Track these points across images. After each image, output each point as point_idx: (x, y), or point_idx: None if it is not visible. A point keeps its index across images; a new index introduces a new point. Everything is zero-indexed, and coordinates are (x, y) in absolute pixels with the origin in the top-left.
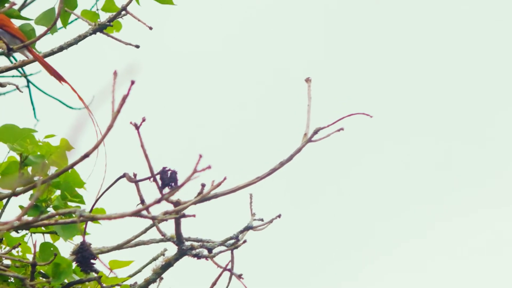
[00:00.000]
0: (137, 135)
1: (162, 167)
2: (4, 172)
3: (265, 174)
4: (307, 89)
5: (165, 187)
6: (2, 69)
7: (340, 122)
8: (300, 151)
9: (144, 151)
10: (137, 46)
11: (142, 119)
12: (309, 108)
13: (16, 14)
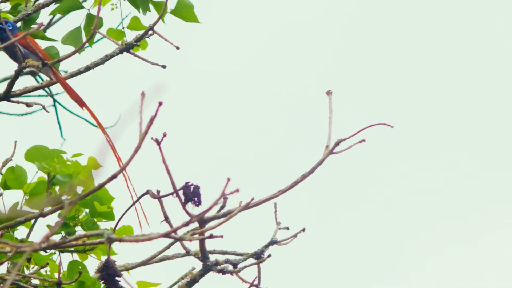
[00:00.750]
0: (159, 150)
1: (185, 182)
2: (32, 191)
3: (288, 187)
4: (328, 101)
5: (188, 202)
6: (29, 89)
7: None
8: (322, 163)
9: (166, 166)
10: (164, 66)
11: (163, 134)
12: (330, 120)
13: (41, 35)
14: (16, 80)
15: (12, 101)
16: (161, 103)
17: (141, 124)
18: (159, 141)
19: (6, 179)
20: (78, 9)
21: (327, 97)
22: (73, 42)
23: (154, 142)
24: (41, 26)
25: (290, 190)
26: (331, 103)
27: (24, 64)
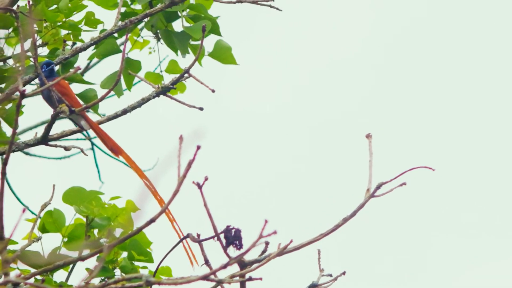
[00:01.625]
0: (200, 194)
1: (226, 226)
2: (71, 234)
3: (329, 230)
4: (368, 145)
5: (230, 246)
6: (66, 132)
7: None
8: (363, 206)
9: (208, 210)
10: (201, 109)
11: (205, 178)
12: (371, 164)
13: (79, 79)
14: (53, 124)
15: (50, 145)
16: (199, 147)
17: (180, 167)
18: (200, 185)
19: (44, 222)
20: (116, 53)
21: (367, 140)
22: (111, 86)
23: (196, 186)
24: (78, 70)
25: (331, 234)
26: (371, 146)
27: (58, 109)
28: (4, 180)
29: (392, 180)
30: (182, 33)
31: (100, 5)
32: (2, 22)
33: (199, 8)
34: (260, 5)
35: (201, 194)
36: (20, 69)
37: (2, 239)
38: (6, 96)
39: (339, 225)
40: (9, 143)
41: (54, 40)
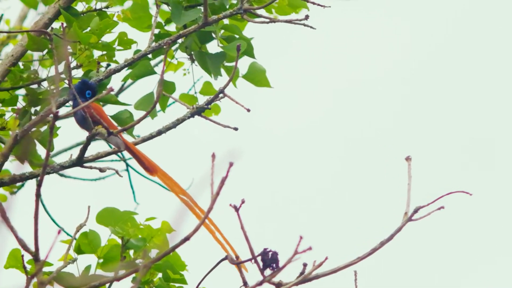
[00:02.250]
0: (237, 217)
1: (263, 248)
2: (106, 256)
3: (366, 254)
4: (407, 167)
5: (267, 268)
6: (101, 154)
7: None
8: (401, 230)
9: (245, 232)
10: (236, 129)
11: (242, 201)
12: (409, 187)
13: (114, 100)
14: (88, 146)
15: (85, 167)
16: (232, 164)
17: (213, 185)
18: (237, 208)
19: (80, 244)
20: (150, 74)
21: (406, 163)
22: (146, 108)
23: (233, 208)
24: (111, 90)
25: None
26: (410, 169)
27: (94, 131)
28: (39, 202)
29: (429, 204)
30: (216, 55)
31: (135, 27)
32: (36, 45)
33: (233, 29)
34: (294, 24)
35: (238, 217)
36: (54, 92)
37: (38, 261)
38: (40, 118)
39: (376, 249)
40: (43, 166)
41: (88, 62)
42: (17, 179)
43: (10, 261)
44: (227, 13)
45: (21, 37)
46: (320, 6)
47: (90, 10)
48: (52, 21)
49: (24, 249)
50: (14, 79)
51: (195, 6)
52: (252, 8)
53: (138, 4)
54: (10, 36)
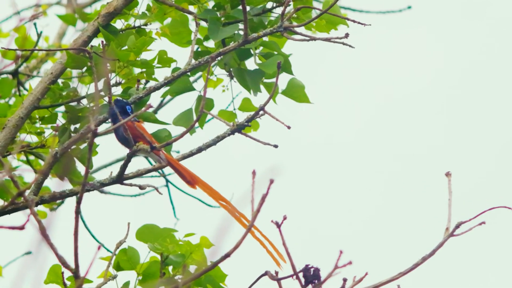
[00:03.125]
0: (279, 233)
1: (305, 265)
2: (146, 272)
3: (408, 269)
4: (448, 183)
5: (308, 285)
6: (142, 171)
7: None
8: (442, 245)
9: (286, 248)
10: (276, 146)
11: (284, 217)
12: (450, 202)
13: (153, 118)
14: (128, 163)
15: (125, 184)
16: (272, 181)
17: (253, 202)
18: (279, 224)
19: (119, 260)
20: (189, 91)
21: (446, 178)
22: (184, 124)
23: (275, 225)
24: (150, 107)
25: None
26: (451, 184)
27: (135, 148)
28: (79, 219)
29: (471, 219)
30: (255, 71)
31: (174, 42)
32: (75, 62)
33: (272, 45)
34: (333, 43)
35: (280, 233)
36: (94, 109)
37: (78, 278)
38: (80, 136)
39: (418, 264)
40: (82, 183)
41: (128, 79)
42: (57, 196)
43: (51, 277)
44: (267, 31)
45: (60, 55)
46: (360, 24)
47: (129, 28)
48: (91, 38)
49: (64, 266)
50: (54, 97)
51: (234, 22)
52: (292, 26)
53: (177, 20)
54: (49, 54)
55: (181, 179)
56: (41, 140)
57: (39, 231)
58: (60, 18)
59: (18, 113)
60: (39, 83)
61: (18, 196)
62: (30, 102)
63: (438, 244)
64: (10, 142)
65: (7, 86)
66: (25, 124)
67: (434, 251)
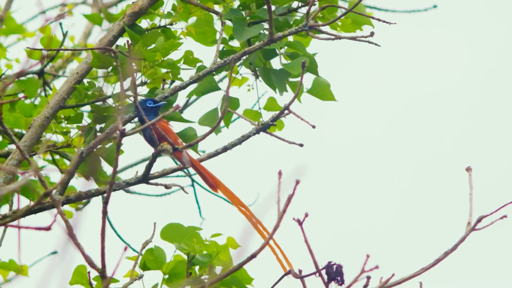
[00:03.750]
0: (301, 230)
1: (328, 262)
2: (172, 271)
3: (430, 265)
4: (468, 178)
5: (331, 282)
6: (167, 171)
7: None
8: (464, 240)
9: (308, 246)
10: (301, 145)
11: (305, 215)
12: (471, 197)
13: (179, 117)
14: (154, 163)
15: (151, 184)
16: (298, 182)
17: (279, 203)
18: (301, 222)
19: (145, 260)
20: (215, 90)
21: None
22: (210, 123)
23: (296, 222)
24: (177, 108)
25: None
26: (471, 179)
27: (160, 148)
28: (105, 219)
29: (492, 213)
30: (281, 71)
31: (199, 42)
32: (101, 62)
33: (297, 45)
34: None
35: (302, 230)
36: (120, 109)
37: (104, 278)
38: (106, 135)
39: (440, 259)
40: (110, 183)
41: (153, 79)
42: (83, 196)
43: (76, 278)
44: (292, 30)
45: (86, 55)
46: (386, 23)
47: (154, 27)
48: (116, 38)
49: (91, 266)
50: (79, 97)
51: (259, 22)
52: (317, 25)
53: (203, 20)
54: (75, 53)
55: (203, 181)
56: (67, 140)
57: (65, 231)
58: (86, 17)
59: (44, 112)
60: (64, 83)
61: (45, 196)
62: (56, 101)
63: (460, 238)
64: (36, 141)
65: (33, 86)
66: (51, 124)
67: (456, 246)
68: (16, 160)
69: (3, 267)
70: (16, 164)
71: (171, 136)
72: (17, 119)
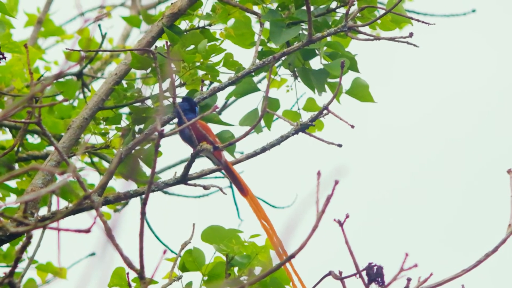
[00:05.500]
0: (342, 231)
1: (368, 263)
2: (211, 273)
3: (471, 266)
4: (510, 180)
5: (372, 283)
6: (206, 172)
7: None
8: (505, 242)
9: (349, 247)
10: (340, 145)
11: (346, 215)
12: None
13: (217, 119)
14: (192, 163)
15: (189, 184)
16: (337, 182)
17: (318, 203)
18: (341, 223)
19: (184, 261)
20: (254, 92)
21: (508, 175)
22: (250, 124)
23: (337, 223)
24: (216, 109)
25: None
26: None
27: (199, 148)
28: (144, 220)
29: None
30: (319, 71)
31: (237, 44)
32: (140, 63)
33: (336, 45)
34: (397, 42)
35: (343, 231)
36: (159, 110)
37: (143, 279)
38: (145, 136)
39: (481, 261)
40: (148, 183)
41: (192, 80)
42: (121, 197)
43: (114, 280)
44: (331, 31)
45: (125, 56)
46: (425, 23)
47: (193, 28)
48: (155, 39)
49: (130, 267)
50: (118, 98)
51: (298, 23)
52: (356, 26)
53: (241, 21)
54: (113, 55)
55: (235, 186)
56: (105, 141)
57: (104, 232)
58: (124, 19)
59: (82, 114)
60: (103, 84)
61: (85, 199)
62: (95, 103)
63: (501, 240)
64: (75, 143)
65: (72, 87)
66: (89, 125)
67: (497, 248)
68: (55, 161)
69: (42, 269)
70: (55, 166)
71: (211, 136)
72: (55, 123)
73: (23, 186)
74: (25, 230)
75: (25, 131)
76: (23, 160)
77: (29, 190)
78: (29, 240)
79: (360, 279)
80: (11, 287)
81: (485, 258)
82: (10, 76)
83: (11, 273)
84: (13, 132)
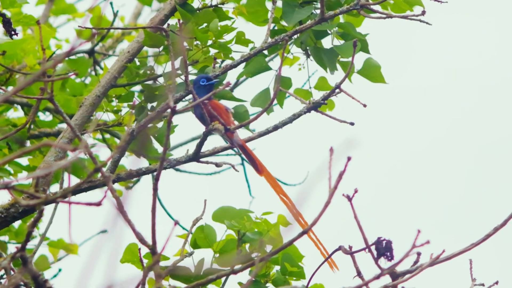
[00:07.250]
0: (350, 206)
1: (377, 237)
2: (222, 249)
3: (480, 240)
4: None
5: (381, 257)
6: (218, 149)
7: None
8: None
9: (358, 222)
10: (352, 124)
11: (355, 190)
12: None
13: (230, 96)
14: (205, 141)
15: (202, 162)
16: (350, 158)
17: (330, 179)
18: (350, 197)
19: (196, 238)
20: (265, 71)
21: None
22: (262, 104)
23: (346, 198)
24: (228, 85)
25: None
26: None
27: (211, 127)
28: (156, 196)
29: None
30: (331, 50)
31: (250, 21)
32: (152, 41)
33: (347, 27)
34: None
35: (352, 206)
36: (171, 87)
37: (155, 254)
38: (157, 114)
39: (490, 235)
40: (160, 160)
41: (205, 58)
42: (133, 174)
43: (127, 256)
44: (343, 9)
45: (137, 34)
46: (437, 1)
47: (206, 7)
48: (168, 17)
49: (142, 243)
50: (130, 75)
51: (310, 2)
52: (368, 4)
53: None
54: (125, 33)
55: (251, 164)
56: (117, 118)
57: (116, 207)
58: None
59: (95, 91)
60: (116, 62)
61: (95, 172)
62: (107, 80)
63: (510, 214)
64: (87, 120)
65: (84, 65)
66: (102, 103)
67: (506, 221)
68: (67, 138)
69: (53, 245)
70: (67, 143)
71: (223, 116)
72: (67, 100)
73: (35, 163)
74: (36, 203)
75: (37, 108)
76: (35, 137)
77: (42, 167)
78: (40, 214)
79: (370, 253)
80: (23, 261)
81: (494, 231)
82: (22, 53)
83: (23, 248)
84: (25, 109)
